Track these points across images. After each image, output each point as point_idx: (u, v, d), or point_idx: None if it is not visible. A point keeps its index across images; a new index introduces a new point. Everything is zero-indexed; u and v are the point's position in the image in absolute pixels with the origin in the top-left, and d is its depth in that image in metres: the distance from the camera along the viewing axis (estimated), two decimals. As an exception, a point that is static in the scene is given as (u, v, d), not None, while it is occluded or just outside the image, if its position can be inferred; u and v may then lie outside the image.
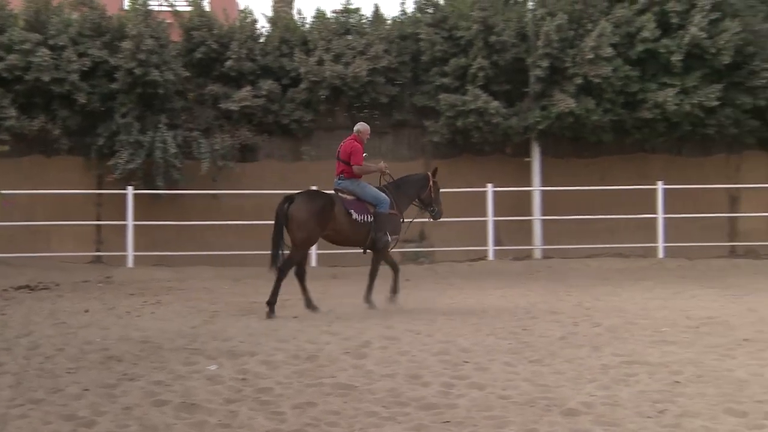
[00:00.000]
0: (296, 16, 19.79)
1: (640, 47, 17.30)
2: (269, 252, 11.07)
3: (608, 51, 16.91)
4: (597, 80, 17.08)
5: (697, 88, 17.25)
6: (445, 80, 18.13)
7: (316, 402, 6.27)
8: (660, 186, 17.62)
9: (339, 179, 11.58)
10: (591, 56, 16.88)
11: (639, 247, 18.00)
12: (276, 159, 19.04)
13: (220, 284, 14.89)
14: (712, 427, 5.70)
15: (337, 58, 18.17)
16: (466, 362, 7.67)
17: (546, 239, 18.41)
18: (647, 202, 17.80)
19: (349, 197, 11.45)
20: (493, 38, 17.60)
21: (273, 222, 11.14)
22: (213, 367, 7.37)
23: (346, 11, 19.27)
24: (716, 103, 17.26)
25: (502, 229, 18.12)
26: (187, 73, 18.24)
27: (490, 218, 17.60)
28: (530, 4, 18.49)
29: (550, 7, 17.70)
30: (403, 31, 18.91)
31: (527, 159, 18.74)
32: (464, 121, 17.62)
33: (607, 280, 15.32)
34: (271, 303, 10.88)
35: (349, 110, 19.13)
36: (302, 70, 18.07)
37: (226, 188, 18.15)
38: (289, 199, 11.19)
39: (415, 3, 19.28)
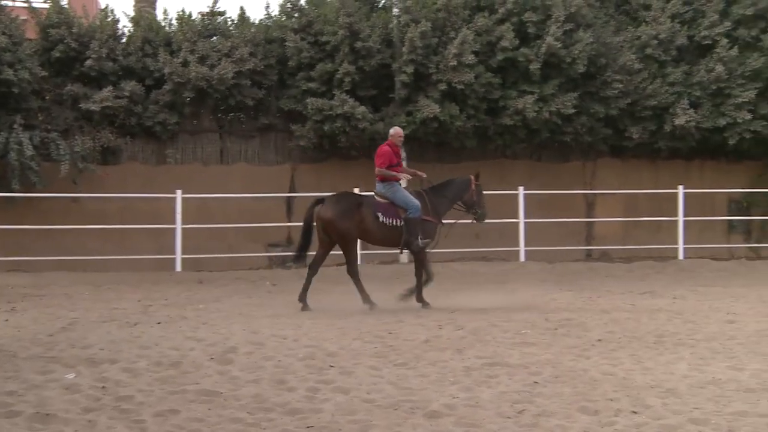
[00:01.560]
0: (160, 17, 19.42)
1: (500, 55, 17.76)
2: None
3: (470, 58, 17.28)
4: (460, 87, 17.43)
5: (554, 96, 17.86)
6: (312, 85, 18.13)
7: (179, 409, 6.16)
8: (521, 191, 18.13)
9: (377, 183, 12.14)
10: (454, 63, 17.22)
11: (502, 251, 18.47)
12: (140, 162, 18.59)
13: (80, 290, 14.40)
14: (566, 425, 5.91)
15: (202, 60, 17.90)
16: (332, 366, 7.70)
17: (413, 243, 18.61)
18: (509, 206, 18.26)
19: (382, 201, 12.02)
20: (358, 44, 17.71)
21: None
22: (70, 376, 7.13)
23: (212, 13, 19.00)
24: (572, 111, 17.91)
25: (368, 233, 18.20)
26: (45, 73, 17.58)
27: (357, 222, 17.66)
28: (395, 11, 18.67)
29: (414, 15, 17.93)
30: (269, 35, 18.79)
31: (392, 164, 18.92)
32: (331, 126, 17.68)
33: (471, 283, 15.64)
34: (367, 301, 11.89)
35: (215, 113, 18.92)
36: (166, 71, 17.71)
37: (87, 191, 17.54)
38: (321, 201, 12.07)
39: (280, 7, 19.19)
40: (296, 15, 18.75)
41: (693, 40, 18.74)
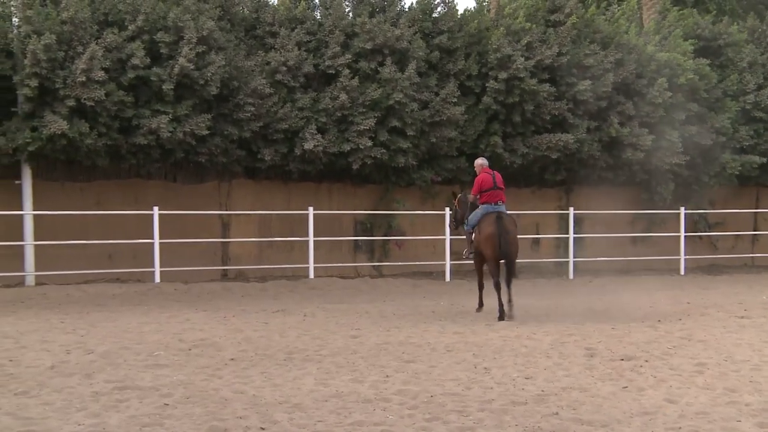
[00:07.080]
0: None
1: (131, 73, 17.39)
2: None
3: (100, 75, 16.74)
4: (90, 103, 16.82)
5: (188, 116, 17.81)
6: None
7: None
8: (156, 211, 17.86)
9: (499, 204, 13.58)
10: (83, 79, 16.58)
11: (136, 272, 18.09)
12: None
13: None
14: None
15: None
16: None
17: (40, 265, 17.62)
18: (144, 227, 17.90)
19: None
20: (-27, 54, 16.47)
21: (491, 238, 13.14)
22: None
23: None
24: (207, 132, 17.99)
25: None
26: None
27: (-25, 245, 16.41)
28: (15, 21, 17.58)
29: (36, 26, 17.00)
30: None
31: (18, 182, 17.80)
32: (-59, 141, 16.24)
33: (103, 305, 15.12)
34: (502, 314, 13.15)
35: None
36: None
37: None
38: (499, 216, 13.23)
39: None
40: None
41: (318, 68, 19.67)
